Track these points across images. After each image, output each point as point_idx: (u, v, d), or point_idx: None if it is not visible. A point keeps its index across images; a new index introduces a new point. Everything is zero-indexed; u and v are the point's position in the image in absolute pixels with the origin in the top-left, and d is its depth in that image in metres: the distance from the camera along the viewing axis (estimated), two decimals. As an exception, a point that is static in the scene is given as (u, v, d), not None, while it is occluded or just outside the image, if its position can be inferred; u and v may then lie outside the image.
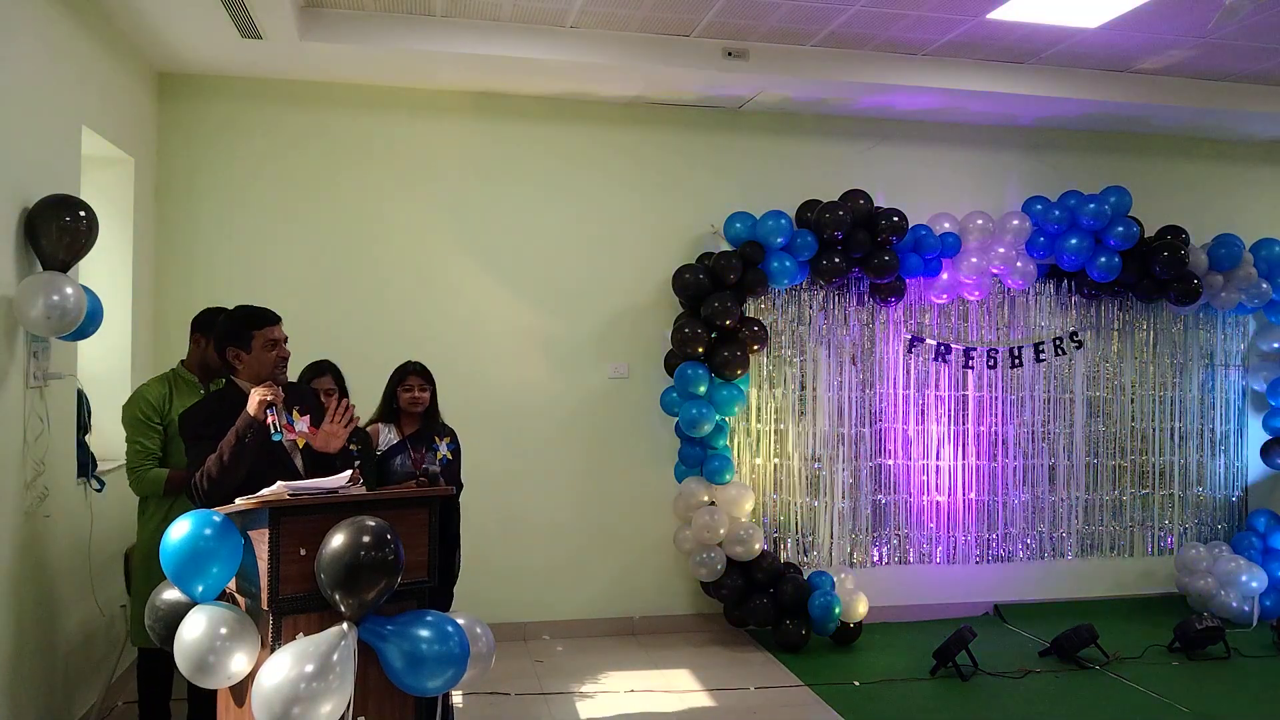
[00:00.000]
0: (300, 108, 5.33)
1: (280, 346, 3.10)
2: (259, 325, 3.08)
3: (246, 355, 3.07)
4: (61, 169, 3.76)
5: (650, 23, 4.87)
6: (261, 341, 3.07)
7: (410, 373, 4.03)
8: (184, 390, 3.63)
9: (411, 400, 3.99)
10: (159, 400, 3.56)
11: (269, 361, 3.07)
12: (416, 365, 4.07)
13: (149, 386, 3.62)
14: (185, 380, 3.66)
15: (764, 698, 4.68)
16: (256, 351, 3.07)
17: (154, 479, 3.51)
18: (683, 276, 5.45)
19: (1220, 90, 5.75)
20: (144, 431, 3.52)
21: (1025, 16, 4.72)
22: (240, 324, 3.10)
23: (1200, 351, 6.50)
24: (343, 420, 3.12)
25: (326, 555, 2.48)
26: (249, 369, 3.08)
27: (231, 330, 3.10)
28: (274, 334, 3.09)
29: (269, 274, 5.19)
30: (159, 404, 3.55)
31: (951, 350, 6.10)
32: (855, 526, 5.98)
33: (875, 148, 6.03)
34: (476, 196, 5.54)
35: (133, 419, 3.54)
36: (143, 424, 3.52)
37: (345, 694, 2.45)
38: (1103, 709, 4.61)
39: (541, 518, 5.58)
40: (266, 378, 3.04)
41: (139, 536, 3.61)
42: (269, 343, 3.08)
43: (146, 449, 3.52)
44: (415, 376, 4.02)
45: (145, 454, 3.52)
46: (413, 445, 3.96)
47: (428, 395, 4.02)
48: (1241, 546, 6.20)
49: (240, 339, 3.08)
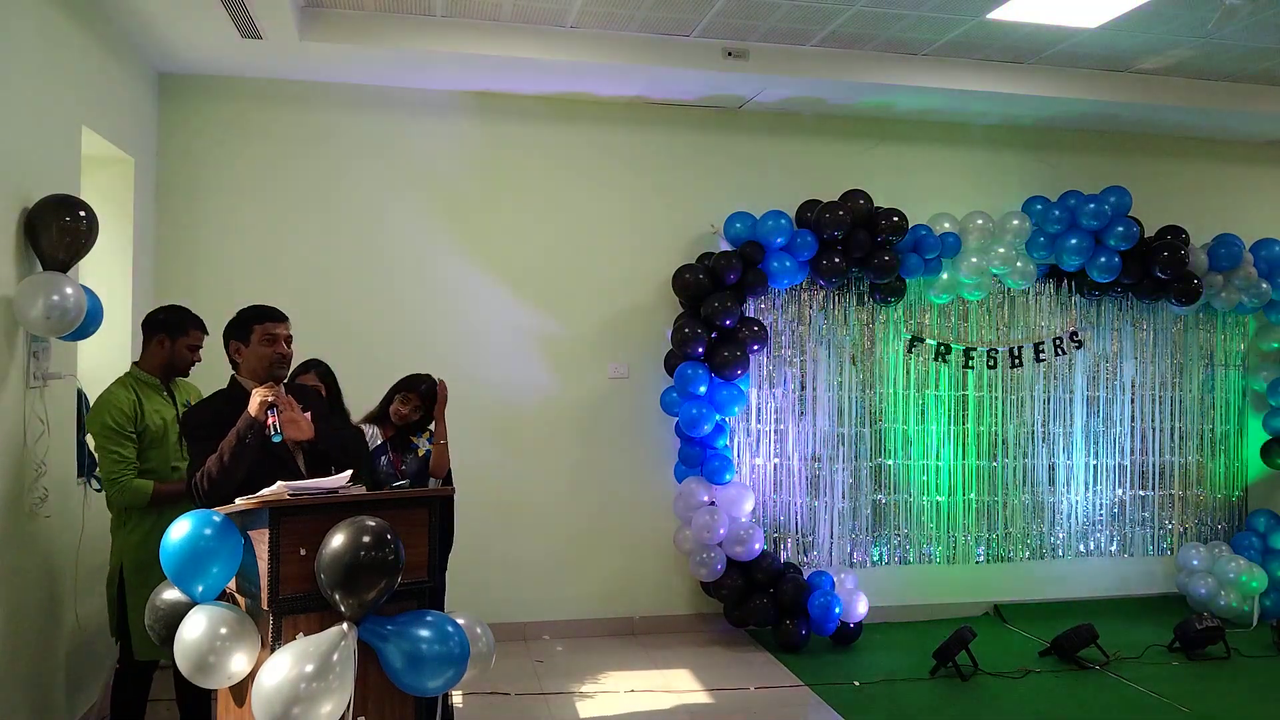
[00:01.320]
0: (300, 108, 5.33)
1: (279, 343, 3.10)
2: (260, 319, 3.11)
3: (245, 349, 3.10)
4: (61, 169, 3.76)
5: (650, 23, 4.87)
6: (259, 335, 3.09)
7: (412, 390, 4.05)
8: (149, 393, 3.54)
9: (401, 416, 4.04)
10: (130, 406, 3.45)
11: (265, 356, 3.08)
12: (423, 387, 4.05)
13: (115, 394, 3.47)
14: (147, 383, 3.57)
15: (764, 698, 4.68)
16: (254, 345, 3.09)
17: (139, 490, 3.41)
18: (683, 276, 5.45)
19: (1220, 90, 5.75)
20: (118, 440, 3.40)
21: (1025, 16, 4.72)
22: (244, 318, 3.13)
23: (1200, 351, 6.50)
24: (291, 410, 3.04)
25: (326, 555, 2.48)
26: (247, 363, 3.10)
27: (236, 324, 3.14)
28: (274, 330, 3.10)
29: (269, 273, 5.19)
30: (131, 410, 3.45)
31: (951, 350, 6.10)
32: (855, 526, 5.98)
33: (875, 148, 6.03)
34: (476, 196, 5.54)
35: (105, 428, 3.40)
36: (116, 432, 3.40)
37: (345, 694, 2.45)
38: (1103, 709, 4.61)
39: (541, 517, 5.58)
40: (263, 374, 3.05)
41: (121, 546, 3.47)
42: (267, 337, 3.09)
43: (125, 458, 3.41)
44: (414, 395, 4.03)
45: (125, 463, 3.41)
46: (393, 447, 4.01)
47: (418, 415, 4.06)
48: (1241, 546, 6.20)
49: (242, 332, 3.11)
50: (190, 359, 3.64)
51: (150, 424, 3.49)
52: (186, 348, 3.61)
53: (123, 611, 3.45)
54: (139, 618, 3.36)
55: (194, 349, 3.64)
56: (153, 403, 3.53)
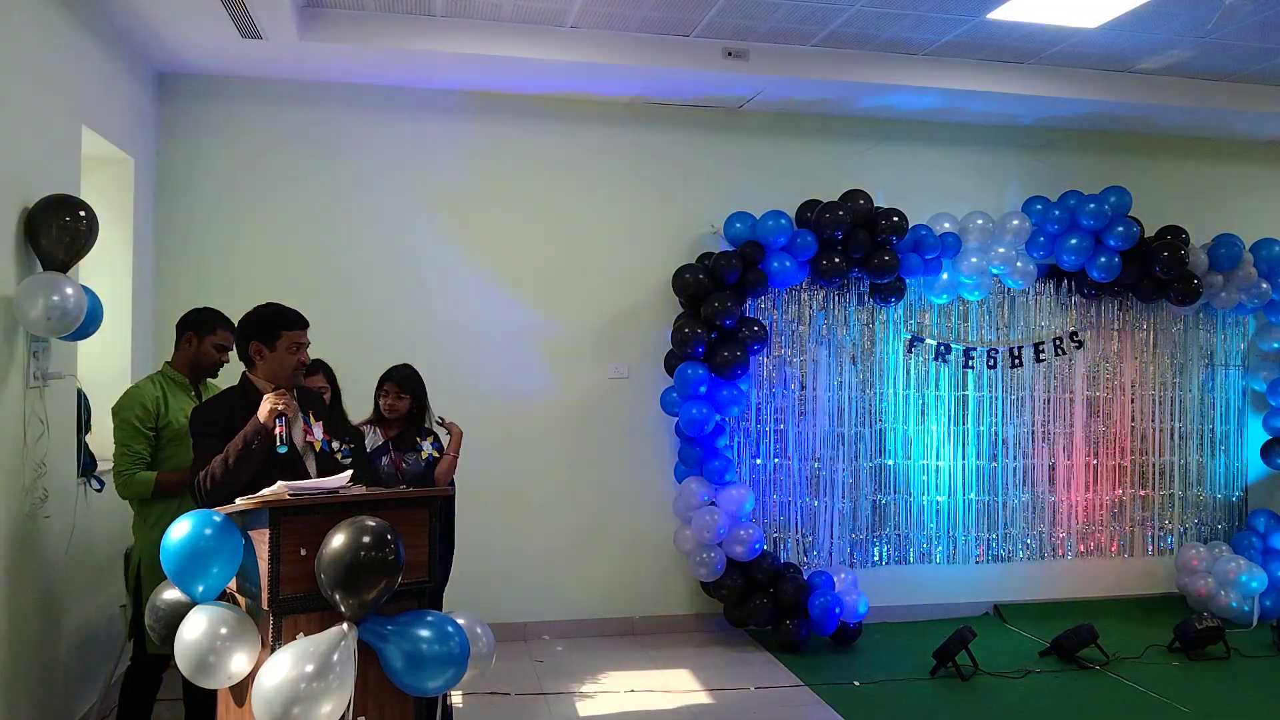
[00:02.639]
0: (300, 108, 5.33)
1: (303, 352, 3.10)
2: (290, 326, 3.08)
3: (269, 353, 3.06)
4: (61, 169, 3.76)
5: (650, 23, 4.87)
6: (288, 343, 3.06)
7: (387, 379, 4.07)
8: (176, 392, 3.60)
9: (388, 408, 4.05)
10: (154, 403, 3.50)
11: (290, 364, 3.06)
12: (397, 373, 4.07)
13: (143, 389, 3.54)
14: (176, 381, 3.62)
15: (764, 698, 4.68)
16: (280, 352, 3.06)
17: (142, 482, 3.45)
18: (683, 276, 5.45)
19: (1220, 90, 5.75)
20: (135, 436, 3.45)
21: (1025, 16, 4.72)
22: (272, 320, 3.08)
23: (1200, 351, 6.50)
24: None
25: (326, 555, 2.48)
26: (269, 367, 3.07)
27: (261, 325, 3.08)
28: (301, 338, 3.09)
29: (269, 273, 5.18)
30: (154, 407, 3.50)
31: (951, 350, 6.10)
32: (855, 526, 5.98)
33: (875, 148, 6.03)
34: (476, 196, 5.54)
35: (125, 422, 3.46)
36: (135, 429, 3.45)
37: (345, 694, 2.45)
38: (1103, 709, 4.61)
39: (542, 517, 5.59)
40: (284, 380, 3.04)
41: (142, 541, 3.51)
42: (295, 345, 3.07)
43: (136, 453, 3.45)
44: (391, 384, 4.05)
45: (134, 458, 3.46)
46: (394, 447, 4.00)
47: (404, 403, 4.05)
48: (1241, 546, 6.20)
49: (268, 335, 3.06)
50: (216, 358, 3.66)
51: (173, 421, 3.51)
52: (213, 347, 3.63)
53: (138, 607, 3.45)
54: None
55: (221, 349, 3.66)
56: (179, 400, 3.56)
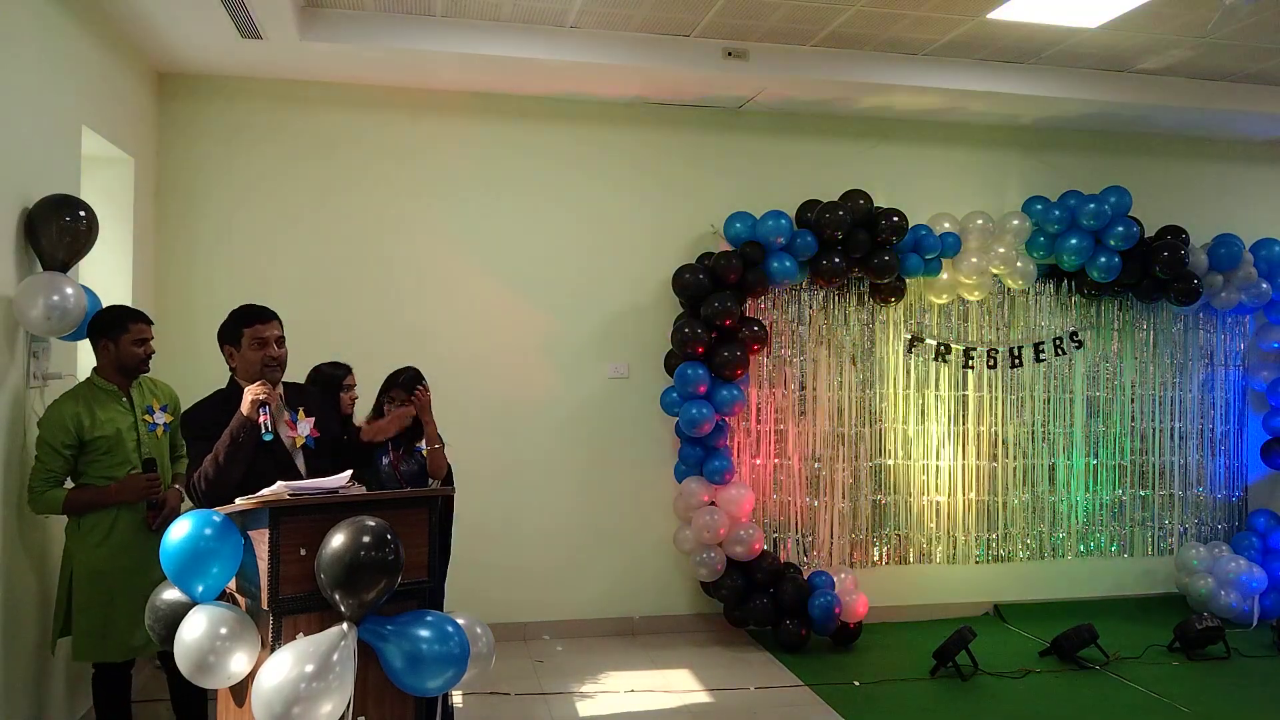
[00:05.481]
0: (300, 108, 5.33)
1: (269, 346, 3.06)
2: (248, 322, 3.07)
3: (238, 352, 3.08)
4: (61, 169, 3.76)
5: (650, 23, 4.87)
6: (249, 340, 3.06)
7: (396, 385, 4.01)
8: (104, 401, 3.45)
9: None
10: (73, 421, 3.35)
11: (255, 360, 3.05)
12: (405, 379, 4.02)
13: (63, 409, 3.38)
14: (103, 390, 3.47)
15: (764, 698, 4.68)
16: (245, 349, 3.06)
17: (51, 500, 3.35)
18: (683, 276, 5.45)
19: (1220, 90, 5.75)
20: (51, 455, 3.34)
21: (1025, 16, 4.72)
22: (234, 320, 3.10)
23: (1200, 351, 6.50)
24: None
25: (326, 555, 2.48)
26: (241, 365, 3.09)
27: (227, 328, 3.11)
28: (262, 332, 3.06)
29: (269, 273, 5.19)
30: (73, 425, 3.35)
31: (951, 350, 6.10)
32: (855, 526, 5.98)
33: (875, 148, 6.03)
34: (476, 196, 5.54)
35: (43, 441, 3.36)
36: (51, 449, 3.33)
37: (345, 694, 2.45)
38: (1103, 709, 4.61)
39: (542, 518, 5.58)
40: (255, 376, 3.04)
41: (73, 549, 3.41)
42: (256, 341, 3.05)
43: (49, 470, 3.35)
44: (400, 391, 3.99)
45: (47, 476, 3.35)
46: (394, 447, 3.99)
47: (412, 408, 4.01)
48: (1241, 546, 6.20)
49: (233, 336, 3.09)
50: (139, 354, 3.50)
51: (102, 434, 3.39)
52: (131, 344, 3.47)
53: (68, 614, 3.40)
54: (84, 620, 3.35)
55: (140, 343, 3.50)
56: (106, 412, 3.43)
